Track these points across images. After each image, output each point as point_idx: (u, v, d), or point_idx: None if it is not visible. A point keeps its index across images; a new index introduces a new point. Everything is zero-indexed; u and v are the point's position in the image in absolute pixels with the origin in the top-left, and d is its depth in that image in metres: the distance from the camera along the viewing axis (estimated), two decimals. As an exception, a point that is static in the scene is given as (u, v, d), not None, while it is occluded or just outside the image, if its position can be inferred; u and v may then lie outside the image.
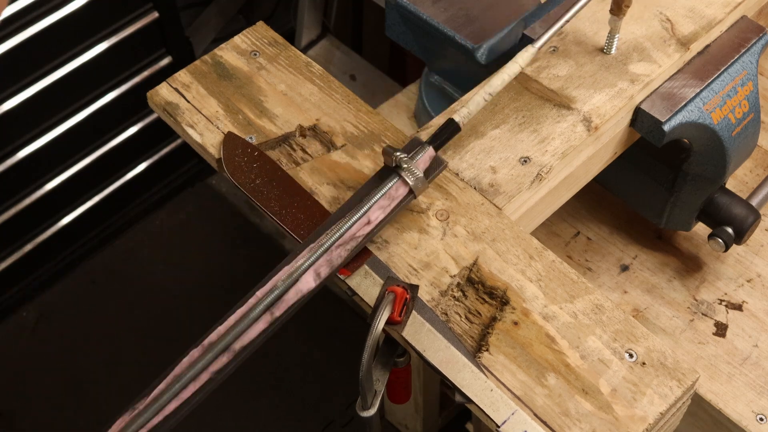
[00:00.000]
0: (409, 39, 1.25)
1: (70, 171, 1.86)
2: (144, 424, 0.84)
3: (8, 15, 1.57)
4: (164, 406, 0.84)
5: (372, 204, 0.90)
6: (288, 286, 0.88)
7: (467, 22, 1.18)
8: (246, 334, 0.87)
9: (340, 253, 0.89)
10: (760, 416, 1.11)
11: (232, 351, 0.86)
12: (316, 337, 1.89)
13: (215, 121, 1.03)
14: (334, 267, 0.89)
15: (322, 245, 0.89)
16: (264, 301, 0.87)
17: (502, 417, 0.81)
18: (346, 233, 0.89)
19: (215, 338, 0.87)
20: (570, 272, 0.89)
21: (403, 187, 0.91)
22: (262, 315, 0.87)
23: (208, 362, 0.86)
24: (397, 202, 0.91)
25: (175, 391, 0.85)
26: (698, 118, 1.06)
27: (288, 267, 0.89)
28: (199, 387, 0.86)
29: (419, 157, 0.92)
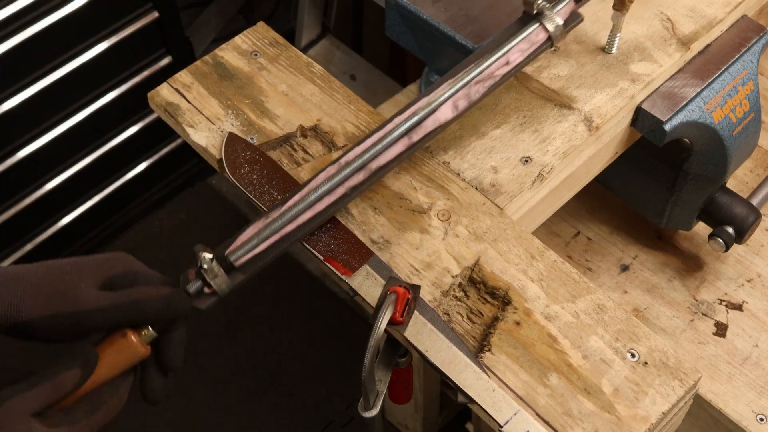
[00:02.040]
0: (409, 39, 1.25)
1: (70, 171, 1.85)
2: (278, 230, 0.87)
3: (8, 15, 1.57)
4: (298, 216, 0.88)
5: (513, 46, 0.94)
6: (427, 113, 0.92)
7: (467, 22, 1.18)
8: (383, 155, 0.91)
9: (478, 89, 0.94)
10: (760, 416, 1.11)
11: (369, 170, 0.90)
12: (316, 337, 1.89)
13: (216, 121, 1.03)
14: (471, 101, 0.94)
15: (461, 79, 0.93)
16: (403, 125, 0.91)
17: (504, 417, 0.81)
18: (485, 70, 0.94)
19: (352, 157, 0.90)
20: (572, 272, 0.89)
21: (543, 32, 0.96)
22: (400, 138, 0.91)
23: (345, 177, 0.89)
24: (536, 47, 0.96)
25: (310, 201, 0.88)
26: (699, 117, 1.06)
27: (427, 97, 0.92)
28: (334, 200, 0.89)
29: (560, 8, 0.96)
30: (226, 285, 0.84)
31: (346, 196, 0.90)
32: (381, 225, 0.93)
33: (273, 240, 0.87)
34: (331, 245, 0.92)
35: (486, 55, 0.94)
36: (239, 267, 0.85)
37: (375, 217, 0.94)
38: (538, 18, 0.96)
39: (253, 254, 0.86)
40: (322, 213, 0.89)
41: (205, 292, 0.83)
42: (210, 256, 0.83)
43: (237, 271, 0.85)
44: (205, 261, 0.82)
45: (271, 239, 0.87)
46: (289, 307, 1.95)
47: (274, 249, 0.87)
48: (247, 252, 0.86)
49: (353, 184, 0.90)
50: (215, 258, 0.83)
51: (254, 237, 0.86)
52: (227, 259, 0.85)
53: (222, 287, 0.84)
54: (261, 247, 0.86)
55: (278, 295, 1.96)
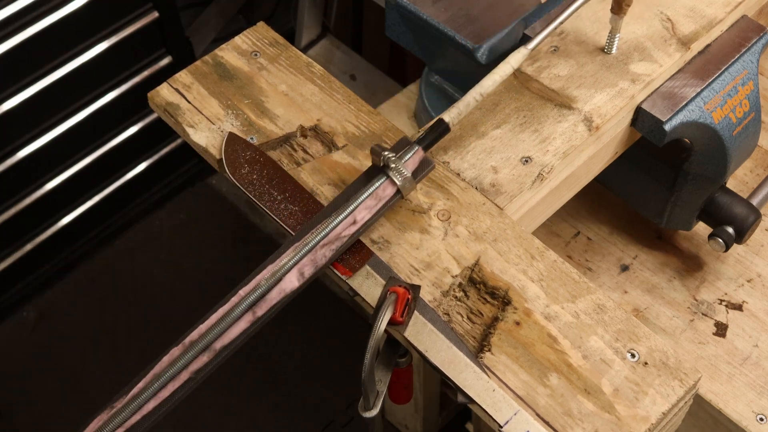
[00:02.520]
0: (409, 39, 1.25)
1: (70, 171, 1.86)
2: (122, 423, 0.82)
3: (8, 15, 1.57)
4: (143, 405, 0.83)
5: (358, 204, 0.89)
6: (271, 285, 0.87)
7: (467, 22, 1.18)
8: (227, 334, 0.86)
9: (324, 253, 0.88)
10: (760, 416, 1.11)
11: (213, 350, 0.85)
12: (316, 337, 1.90)
13: (216, 121, 1.03)
14: (318, 266, 0.88)
15: (306, 244, 0.88)
16: (246, 300, 0.86)
17: (504, 417, 0.81)
18: (331, 233, 0.88)
19: (196, 336, 0.86)
20: (572, 272, 0.89)
21: (390, 187, 0.91)
22: (244, 314, 0.86)
23: (188, 361, 0.85)
24: (384, 202, 0.91)
25: (154, 389, 0.84)
26: (699, 117, 1.06)
27: (272, 266, 0.88)
28: (179, 386, 0.85)
29: (408, 157, 0.91)
30: None
31: (192, 380, 0.85)
32: (381, 225, 0.93)
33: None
34: (332, 246, 0.92)
35: (332, 215, 0.89)
36: None
37: (375, 217, 0.94)
38: (384, 171, 0.90)
39: None
40: (168, 399, 0.84)
41: None
42: None
43: None
44: None
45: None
46: (289, 307, 1.95)
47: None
48: None
49: (197, 368, 0.85)
50: None
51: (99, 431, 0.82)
52: None
53: None
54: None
55: (278, 295, 1.96)
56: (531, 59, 1.07)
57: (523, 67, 1.06)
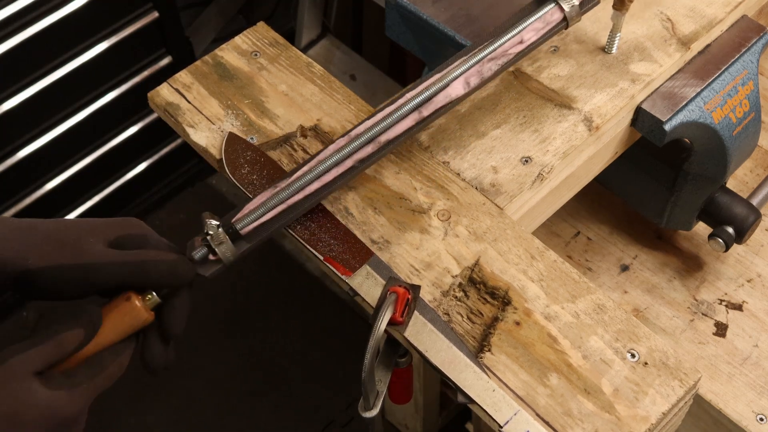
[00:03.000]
0: (409, 39, 1.25)
1: (70, 171, 1.86)
2: (285, 200, 0.88)
3: (8, 15, 1.57)
4: (306, 186, 0.89)
5: (527, 25, 0.96)
6: (439, 89, 0.92)
7: (467, 22, 1.18)
8: (393, 129, 0.91)
9: (491, 67, 0.94)
10: (760, 416, 1.11)
11: (378, 143, 0.91)
12: (316, 337, 1.90)
13: (216, 121, 1.03)
14: (484, 78, 0.94)
15: (475, 56, 0.93)
16: (414, 100, 0.91)
17: (504, 417, 0.81)
18: (498, 48, 0.94)
19: (362, 130, 0.91)
20: (572, 272, 0.89)
21: (558, 12, 0.97)
22: (410, 113, 0.92)
23: (353, 150, 0.90)
24: (551, 27, 0.97)
25: (318, 172, 0.89)
26: (699, 117, 1.06)
27: (440, 73, 0.93)
28: (342, 172, 0.90)
29: None
30: (231, 253, 0.84)
31: (354, 169, 0.91)
32: (381, 225, 0.93)
33: (279, 209, 0.88)
34: (331, 245, 0.92)
35: (500, 33, 0.95)
36: (245, 235, 0.86)
37: (375, 217, 0.94)
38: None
39: (259, 223, 0.86)
40: (330, 184, 0.90)
41: (211, 259, 0.84)
42: (216, 223, 0.83)
43: (242, 240, 0.86)
44: (211, 228, 0.82)
45: (278, 208, 0.87)
46: (289, 307, 1.95)
47: (281, 219, 0.88)
48: (253, 221, 0.86)
49: (361, 157, 0.91)
50: (221, 225, 0.83)
51: (261, 206, 0.87)
52: (233, 227, 0.85)
53: (227, 255, 0.84)
54: (267, 216, 0.87)
55: (278, 295, 1.96)
56: (531, 59, 1.07)
57: (523, 67, 1.06)
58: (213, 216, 0.84)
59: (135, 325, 0.78)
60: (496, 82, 1.05)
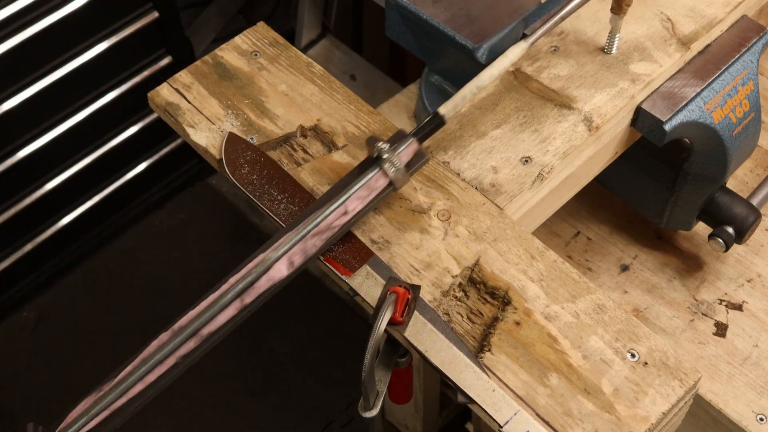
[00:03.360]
0: (409, 39, 1.25)
1: (70, 171, 1.86)
2: (108, 405, 0.83)
3: (8, 15, 1.57)
4: (129, 389, 0.84)
5: (350, 194, 0.89)
6: (260, 273, 0.87)
7: (467, 22, 1.18)
8: (215, 320, 0.86)
9: (315, 243, 0.88)
10: (760, 416, 1.11)
11: (200, 336, 0.86)
12: (316, 337, 1.90)
13: (216, 121, 1.03)
14: (308, 256, 0.88)
15: (298, 233, 0.88)
16: (236, 287, 0.86)
17: (504, 417, 0.81)
18: (322, 222, 0.88)
19: (185, 322, 0.86)
20: (572, 272, 0.89)
21: (383, 178, 0.90)
22: (232, 302, 0.86)
23: (175, 347, 0.85)
24: (377, 194, 0.91)
25: (141, 374, 0.84)
26: (699, 117, 1.06)
27: (263, 254, 0.88)
28: (165, 371, 0.85)
29: (402, 149, 0.91)
30: None
31: (177, 366, 0.85)
32: (381, 225, 0.93)
33: (104, 415, 0.84)
34: (331, 245, 0.92)
35: (324, 205, 0.89)
36: None
37: (375, 217, 0.94)
38: (378, 162, 0.90)
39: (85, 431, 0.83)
40: (154, 384, 0.85)
41: None
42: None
43: None
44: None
45: (102, 415, 0.84)
46: (289, 307, 1.95)
47: (107, 424, 0.84)
48: (78, 429, 0.83)
49: (184, 353, 0.85)
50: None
51: (85, 413, 0.83)
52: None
53: None
54: (92, 424, 0.83)
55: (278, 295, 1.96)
56: (531, 59, 1.07)
57: (523, 67, 1.06)
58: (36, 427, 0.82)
59: None
60: (496, 82, 1.05)
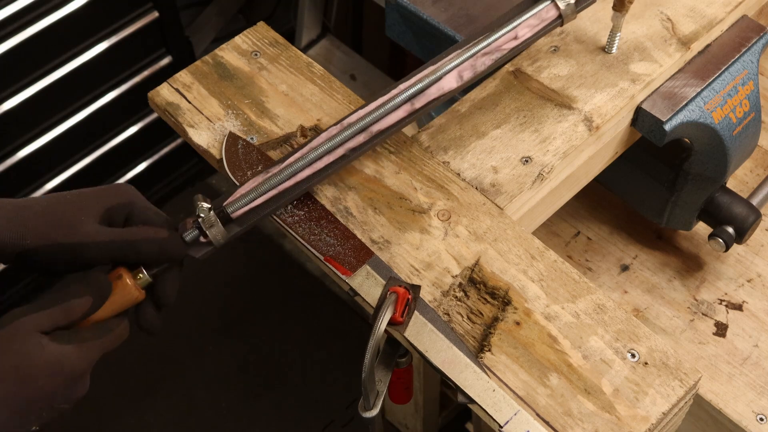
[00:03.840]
0: (409, 39, 1.25)
1: (70, 171, 1.86)
2: (276, 185, 0.89)
3: (8, 15, 1.57)
4: (297, 173, 0.90)
5: (522, 21, 0.96)
6: (431, 81, 0.93)
7: (467, 22, 1.18)
8: (385, 119, 0.92)
9: (484, 61, 0.95)
10: (761, 416, 1.11)
11: (369, 132, 0.92)
12: (316, 337, 1.89)
13: (216, 121, 1.03)
14: (477, 72, 0.95)
15: (469, 50, 0.94)
16: (407, 92, 0.92)
17: (504, 417, 0.81)
18: (493, 43, 0.95)
19: (354, 119, 0.92)
20: (572, 272, 0.89)
21: (554, 10, 0.98)
22: (403, 104, 0.92)
23: (345, 138, 0.91)
24: (545, 24, 0.98)
25: (310, 159, 0.90)
26: (699, 117, 1.06)
27: (433, 66, 0.94)
28: (333, 160, 0.91)
29: None
30: (222, 236, 0.85)
31: (346, 157, 0.92)
32: (381, 225, 0.93)
33: (270, 194, 0.89)
34: (331, 245, 0.92)
35: (495, 28, 0.95)
36: (236, 219, 0.87)
37: (375, 217, 0.94)
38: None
39: (250, 207, 0.88)
40: (321, 172, 0.91)
41: (201, 241, 0.85)
42: (208, 206, 0.84)
43: (233, 223, 0.87)
44: (203, 210, 0.84)
45: (269, 194, 0.89)
46: (289, 307, 1.95)
47: (271, 204, 0.89)
48: (244, 205, 0.87)
49: (353, 146, 0.92)
50: (213, 208, 0.85)
51: (252, 191, 0.88)
52: (224, 211, 0.86)
53: (217, 238, 0.85)
54: (258, 201, 0.88)
55: (278, 295, 1.96)
56: (531, 59, 1.07)
57: (523, 67, 1.06)
58: (205, 199, 0.85)
59: (127, 303, 0.81)
60: (496, 82, 1.05)
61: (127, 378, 1.81)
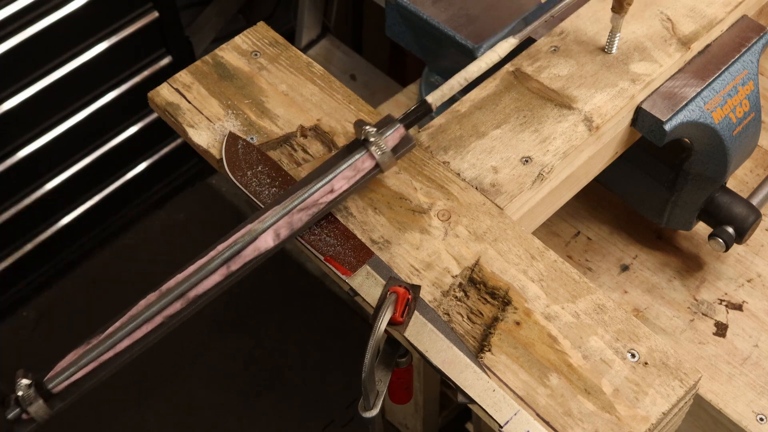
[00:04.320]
0: (409, 39, 1.25)
1: (70, 171, 1.86)
2: (96, 357, 0.86)
3: (8, 15, 1.57)
4: (117, 343, 0.87)
5: (337, 173, 0.93)
6: (247, 242, 0.90)
7: (467, 22, 1.18)
8: (201, 284, 0.90)
9: (301, 217, 0.92)
10: (761, 416, 1.11)
11: (187, 299, 0.89)
12: (316, 337, 1.90)
13: (216, 121, 1.03)
14: (294, 229, 0.92)
15: (285, 207, 0.91)
16: (223, 255, 0.90)
17: (504, 417, 0.81)
18: (308, 198, 0.92)
19: (172, 284, 0.90)
20: (572, 272, 0.89)
21: (369, 160, 0.93)
22: (219, 268, 0.90)
23: (162, 306, 0.88)
24: (362, 175, 0.93)
25: (129, 330, 0.87)
26: (699, 117, 1.06)
27: (250, 225, 0.91)
28: (152, 329, 0.88)
29: (389, 134, 0.94)
30: (44, 412, 0.84)
31: (164, 325, 0.89)
32: (381, 225, 0.93)
33: (91, 367, 0.86)
34: (331, 245, 0.92)
35: (311, 182, 0.92)
36: (58, 394, 0.85)
37: (375, 217, 0.94)
38: (364, 145, 0.93)
39: (71, 381, 0.86)
40: (141, 341, 0.88)
41: (23, 418, 0.83)
42: (28, 382, 0.83)
43: (56, 398, 0.85)
44: (22, 388, 0.82)
45: (89, 366, 0.86)
46: (289, 307, 1.95)
47: (93, 376, 0.87)
48: (65, 379, 0.85)
49: (170, 313, 0.89)
50: (33, 384, 0.83)
51: (73, 364, 0.86)
52: (45, 386, 0.84)
53: (39, 414, 0.83)
54: (79, 374, 0.86)
55: (278, 295, 1.96)
56: (531, 59, 1.07)
57: (523, 67, 1.06)
58: (26, 374, 0.83)
59: None
60: (496, 82, 1.05)
61: (127, 378, 1.81)
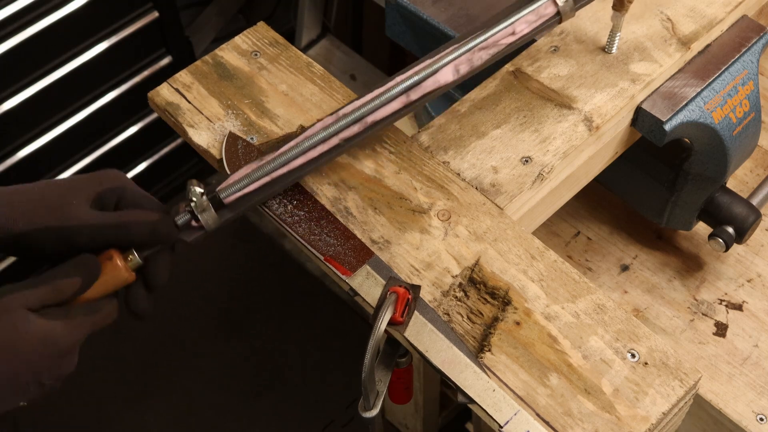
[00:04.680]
0: (409, 39, 1.25)
1: (70, 171, 1.86)
2: (269, 172, 0.90)
3: (8, 15, 1.57)
4: (291, 161, 0.91)
5: (520, 16, 0.96)
6: (428, 74, 0.94)
7: (467, 22, 1.18)
8: (380, 110, 0.93)
9: (481, 56, 0.95)
10: (761, 416, 1.11)
11: (365, 123, 0.93)
12: (316, 337, 1.90)
13: (216, 121, 1.03)
14: (473, 67, 0.95)
15: (466, 44, 0.95)
16: (403, 83, 0.93)
17: (504, 417, 0.81)
18: (490, 38, 0.95)
19: (349, 110, 0.93)
20: (572, 272, 0.89)
21: (551, 6, 0.97)
22: (398, 96, 0.93)
23: (340, 128, 0.92)
24: (543, 21, 0.97)
25: (304, 148, 0.91)
26: (699, 117, 1.06)
27: (431, 59, 0.94)
28: (327, 149, 0.92)
29: None
30: (213, 221, 0.86)
31: (339, 147, 0.92)
32: (381, 225, 0.93)
33: (263, 181, 0.90)
34: (331, 245, 0.92)
35: (493, 23, 0.96)
36: (228, 204, 0.88)
37: (375, 216, 0.94)
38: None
39: (243, 193, 0.89)
40: (314, 161, 0.92)
41: (193, 225, 0.86)
42: (201, 190, 0.85)
43: (225, 209, 0.88)
44: (195, 195, 0.85)
45: (262, 180, 0.89)
46: (289, 307, 1.95)
47: (264, 191, 0.90)
48: (237, 191, 0.88)
49: (347, 136, 0.92)
50: (206, 193, 0.85)
51: (245, 177, 0.89)
52: (217, 196, 0.87)
53: (209, 222, 0.86)
54: (251, 187, 0.89)
55: (278, 295, 1.96)
56: (531, 59, 1.07)
57: (523, 67, 1.06)
58: (199, 183, 0.86)
59: (116, 284, 0.81)
60: (496, 82, 1.06)
61: (127, 378, 1.81)
